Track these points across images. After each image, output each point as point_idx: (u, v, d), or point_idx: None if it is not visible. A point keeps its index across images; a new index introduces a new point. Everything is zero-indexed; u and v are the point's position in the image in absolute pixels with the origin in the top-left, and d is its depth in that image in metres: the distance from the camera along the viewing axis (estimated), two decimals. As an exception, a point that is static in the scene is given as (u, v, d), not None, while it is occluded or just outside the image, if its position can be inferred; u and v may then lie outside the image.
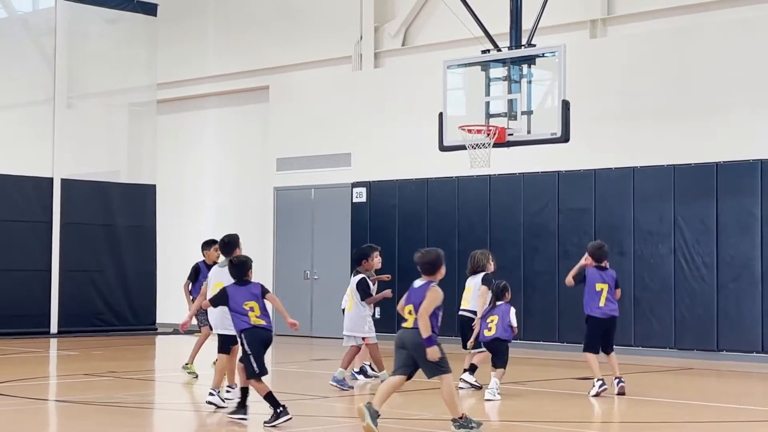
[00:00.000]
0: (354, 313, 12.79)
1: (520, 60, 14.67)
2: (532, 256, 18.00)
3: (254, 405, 10.08)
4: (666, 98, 16.88)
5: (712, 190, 16.31)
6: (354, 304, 12.80)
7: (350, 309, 12.84)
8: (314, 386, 13.01)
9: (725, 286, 16.10)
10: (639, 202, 16.97)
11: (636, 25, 17.63)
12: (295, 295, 20.85)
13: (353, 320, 12.78)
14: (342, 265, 20.23)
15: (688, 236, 16.45)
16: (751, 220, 15.93)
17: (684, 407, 11.40)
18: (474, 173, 16.54)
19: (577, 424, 10.14)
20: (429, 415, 10.41)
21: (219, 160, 23.20)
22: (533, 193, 18.07)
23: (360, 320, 12.75)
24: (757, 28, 16.17)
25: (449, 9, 16.78)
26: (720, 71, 16.40)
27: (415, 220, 19.40)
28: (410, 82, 19.71)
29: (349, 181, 20.40)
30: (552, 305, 17.67)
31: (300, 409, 10.87)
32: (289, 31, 21.86)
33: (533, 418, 10.38)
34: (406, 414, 10.38)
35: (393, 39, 20.52)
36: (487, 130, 14.51)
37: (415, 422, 10.03)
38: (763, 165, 15.90)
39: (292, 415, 9.58)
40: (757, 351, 15.60)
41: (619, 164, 17.20)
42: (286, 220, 21.34)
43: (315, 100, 21.10)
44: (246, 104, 22.62)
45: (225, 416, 10.28)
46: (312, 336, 20.22)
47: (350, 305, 12.86)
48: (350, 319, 12.82)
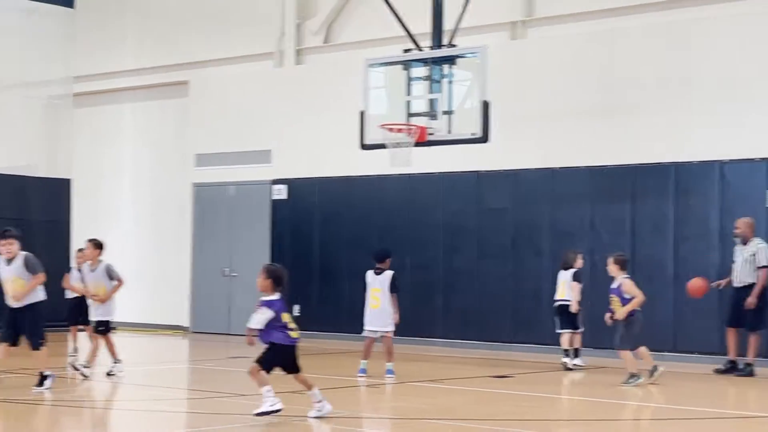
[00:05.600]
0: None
1: (442, 60, 14.73)
2: (451, 255, 18.10)
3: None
4: (584, 101, 17.09)
5: (628, 192, 16.57)
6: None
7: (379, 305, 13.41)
8: (231, 384, 12.93)
9: (639, 287, 16.31)
10: (557, 202, 17.16)
11: (556, 27, 17.82)
12: (213, 292, 20.70)
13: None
14: (261, 262, 20.04)
15: (604, 237, 16.69)
16: (664, 222, 16.23)
17: (598, 405, 11.56)
18: (395, 172, 16.57)
19: (496, 422, 10.21)
20: (346, 413, 10.40)
21: (137, 155, 22.89)
22: (453, 192, 18.17)
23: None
24: (673, 33, 16.46)
25: (371, 8, 16.78)
26: (637, 75, 16.65)
27: (336, 218, 19.38)
28: (332, 80, 19.67)
29: (269, 179, 20.30)
30: (470, 304, 17.79)
31: (216, 407, 10.79)
32: (209, 26, 21.66)
33: (452, 416, 10.42)
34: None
35: (315, 36, 20.46)
36: (408, 129, 14.54)
37: (333, 420, 9.99)
38: (677, 168, 16.20)
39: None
40: (669, 350, 15.87)
41: (537, 165, 17.38)
42: (204, 216, 21.15)
43: (235, 96, 20.95)
44: (165, 99, 22.34)
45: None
46: (230, 334, 20.08)
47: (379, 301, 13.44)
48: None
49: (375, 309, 13.41)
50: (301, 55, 20.62)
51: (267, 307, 9.72)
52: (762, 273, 14.24)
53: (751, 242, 14.43)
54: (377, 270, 13.50)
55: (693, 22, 16.37)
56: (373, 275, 13.50)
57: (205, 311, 20.90)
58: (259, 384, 9.61)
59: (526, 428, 9.71)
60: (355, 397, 11.66)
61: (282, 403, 9.53)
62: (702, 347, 15.75)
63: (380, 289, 13.37)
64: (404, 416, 10.68)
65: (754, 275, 14.36)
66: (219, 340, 19.38)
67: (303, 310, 19.04)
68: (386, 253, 13.71)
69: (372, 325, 13.42)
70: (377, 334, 13.41)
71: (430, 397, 11.94)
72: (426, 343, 17.90)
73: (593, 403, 11.79)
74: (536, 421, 10.23)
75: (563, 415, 11.10)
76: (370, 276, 13.52)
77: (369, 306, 13.47)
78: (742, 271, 14.40)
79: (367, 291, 13.50)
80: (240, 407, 10.66)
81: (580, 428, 10.39)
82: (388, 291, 13.37)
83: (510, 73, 17.25)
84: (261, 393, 9.56)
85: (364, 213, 19.06)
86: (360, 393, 12.31)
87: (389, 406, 11.50)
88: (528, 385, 13.05)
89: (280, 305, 9.79)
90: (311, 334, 19.09)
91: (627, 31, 16.91)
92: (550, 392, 12.70)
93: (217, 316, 20.54)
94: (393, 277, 13.46)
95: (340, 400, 10.90)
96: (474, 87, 14.47)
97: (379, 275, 13.46)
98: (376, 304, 13.38)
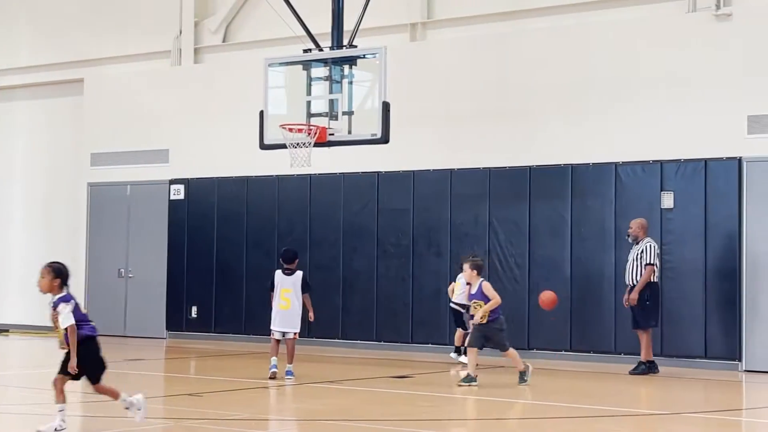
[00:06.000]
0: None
1: (342, 60, 14.71)
2: (351, 256, 18.09)
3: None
4: (483, 103, 17.25)
5: (525, 193, 16.77)
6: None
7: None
8: (127, 386, 12.69)
9: (537, 287, 16.54)
10: (456, 203, 17.28)
11: (455, 29, 17.95)
12: (108, 294, 20.34)
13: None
14: (158, 263, 19.86)
15: (501, 237, 16.87)
16: (561, 223, 16.46)
17: (493, 404, 11.65)
18: (294, 172, 16.50)
19: (394, 422, 10.21)
20: (243, 415, 10.31)
21: (29, 153, 22.37)
22: (353, 193, 18.17)
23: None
24: (571, 37, 16.71)
25: (271, 7, 16.68)
26: (535, 78, 16.87)
27: (235, 218, 19.21)
28: (231, 79, 19.51)
29: (166, 178, 20.03)
30: (370, 304, 17.81)
31: (111, 410, 10.59)
32: (105, 23, 21.29)
33: (348, 417, 10.40)
34: (222, 414, 10.24)
35: (214, 35, 20.26)
36: (308, 130, 14.48)
37: (231, 422, 9.89)
38: (573, 170, 16.44)
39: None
40: (566, 349, 16.12)
41: (437, 166, 17.48)
42: (100, 216, 20.77)
43: (132, 94, 20.62)
44: (59, 97, 21.89)
45: None
46: (126, 336, 19.76)
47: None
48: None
49: (284, 310, 13.27)
50: (200, 53, 20.40)
51: (65, 302, 9.21)
52: (647, 270, 14.54)
53: (642, 242, 14.72)
54: (287, 270, 13.38)
55: (589, 26, 16.65)
56: (282, 276, 13.37)
57: (101, 313, 20.43)
58: (113, 395, 9.19)
59: (423, 428, 9.74)
60: (251, 400, 11.55)
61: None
62: (598, 346, 16.01)
63: (291, 289, 13.24)
64: (300, 418, 10.62)
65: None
66: (114, 342, 19.03)
67: (200, 312, 18.84)
68: (295, 254, 13.58)
69: (279, 326, 13.28)
70: (283, 336, 13.30)
71: (328, 398, 11.90)
72: (325, 344, 17.86)
73: (489, 402, 11.88)
74: (433, 421, 10.26)
75: (459, 415, 11.16)
76: (279, 276, 13.39)
77: (277, 306, 13.34)
78: (632, 270, 14.68)
79: (276, 291, 13.37)
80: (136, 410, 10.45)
81: (476, 427, 10.46)
82: (299, 291, 13.27)
83: (410, 74, 17.31)
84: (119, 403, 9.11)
85: (263, 213, 18.93)
86: (257, 395, 12.21)
87: (286, 408, 11.43)
88: (426, 386, 13.11)
89: (72, 298, 9.36)
90: (209, 335, 18.92)
91: (525, 34, 17.11)
92: (447, 392, 12.77)
93: (113, 317, 20.17)
94: (304, 277, 13.39)
95: (235, 403, 10.80)
96: (374, 88, 14.46)
97: (290, 276, 13.32)
98: (286, 305, 13.24)
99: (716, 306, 15.33)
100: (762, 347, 15.01)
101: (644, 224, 14.87)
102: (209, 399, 11.07)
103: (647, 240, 14.74)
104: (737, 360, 15.11)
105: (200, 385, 12.09)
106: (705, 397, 12.94)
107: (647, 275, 14.52)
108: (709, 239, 15.40)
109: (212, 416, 10.00)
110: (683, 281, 15.55)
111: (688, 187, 15.60)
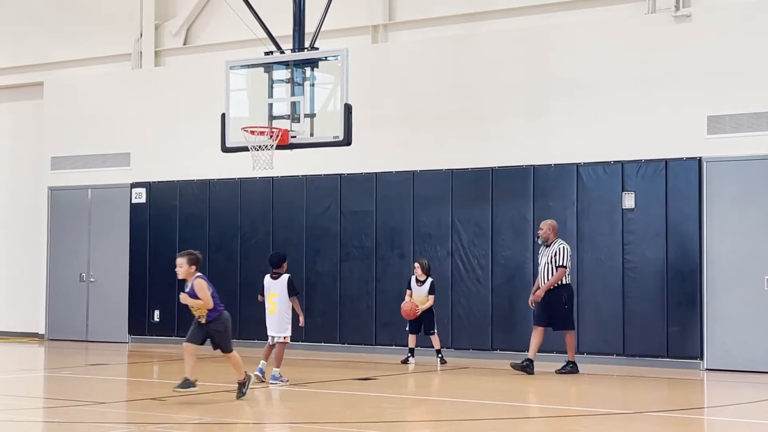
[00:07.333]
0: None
1: (303, 63, 14.70)
2: (314, 258, 18.07)
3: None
4: (445, 104, 17.30)
5: (488, 194, 16.83)
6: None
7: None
8: (89, 392, 12.62)
9: (499, 287, 16.65)
10: (418, 205, 17.31)
11: (417, 31, 17.98)
12: (70, 298, 20.20)
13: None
14: (120, 267, 19.74)
15: (464, 239, 16.91)
16: (523, 224, 16.53)
17: (459, 405, 11.68)
18: (257, 175, 16.46)
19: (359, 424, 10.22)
20: (207, 419, 10.27)
21: (-11, 157, 22.17)
22: (316, 195, 18.15)
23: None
24: (532, 39, 16.79)
25: (232, 9, 16.64)
26: (496, 80, 16.94)
27: (197, 221, 19.13)
28: (192, 82, 19.43)
29: (128, 182, 19.92)
30: (333, 307, 17.80)
31: (73, 415, 10.52)
32: (65, 26, 21.14)
33: (313, 420, 10.39)
34: (186, 418, 10.19)
35: (174, 38, 20.17)
36: (270, 132, 14.46)
37: (195, 426, 9.85)
38: (535, 171, 16.52)
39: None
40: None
41: (399, 168, 17.50)
42: (61, 220, 20.62)
43: (93, 97, 20.49)
44: (18, 100, 21.70)
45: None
46: (88, 340, 19.62)
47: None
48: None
49: (271, 314, 13.17)
50: (160, 56, 20.31)
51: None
52: (559, 272, 14.62)
53: (554, 243, 14.78)
54: (274, 274, 13.28)
55: (550, 28, 16.74)
56: (270, 280, 13.25)
57: (62, 318, 20.37)
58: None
59: (388, 430, 9.74)
60: (215, 404, 11.49)
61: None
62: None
63: (277, 293, 13.11)
64: (265, 421, 10.59)
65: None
66: (76, 347, 18.91)
67: (163, 315, 18.74)
68: (281, 258, 13.43)
69: (269, 330, 13.20)
70: (273, 340, 13.15)
71: (293, 401, 11.89)
72: (288, 347, 17.74)
73: (454, 403, 11.91)
74: (398, 423, 10.27)
75: (425, 416, 11.17)
76: (267, 280, 13.28)
77: (267, 311, 13.31)
78: (547, 272, 14.71)
79: (265, 296, 13.30)
80: (98, 416, 10.42)
81: (443, 428, 10.47)
82: (285, 295, 13.14)
83: (372, 76, 17.34)
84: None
85: (225, 216, 18.87)
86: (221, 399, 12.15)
87: (251, 412, 11.38)
88: (390, 387, 13.12)
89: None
90: (171, 339, 18.81)
91: (486, 36, 17.18)
92: (412, 394, 12.79)
93: (75, 322, 20.05)
94: (290, 281, 13.21)
95: (199, 407, 10.76)
96: (336, 90, 14.47)
97: (276, 279, 13.21)
98: (272, 309, 13.13)
99: (677, 305, 15.45)
100: (723, 346, 15.15)
101: (555, 226, 14.95)
102: (173, 403, 11.01)
103: (559, 242, 14.79)
104: (699, 359, 15.24)
105: (163, 390, 12.02)
106: (667, 396, 13.04)
107: (557, 277, 14.57)
108: (670, 239, 15.53)
109: (176, 420, 9.95)
110: (644, 281, 15.66)
111: (648, 187, 15.72)
